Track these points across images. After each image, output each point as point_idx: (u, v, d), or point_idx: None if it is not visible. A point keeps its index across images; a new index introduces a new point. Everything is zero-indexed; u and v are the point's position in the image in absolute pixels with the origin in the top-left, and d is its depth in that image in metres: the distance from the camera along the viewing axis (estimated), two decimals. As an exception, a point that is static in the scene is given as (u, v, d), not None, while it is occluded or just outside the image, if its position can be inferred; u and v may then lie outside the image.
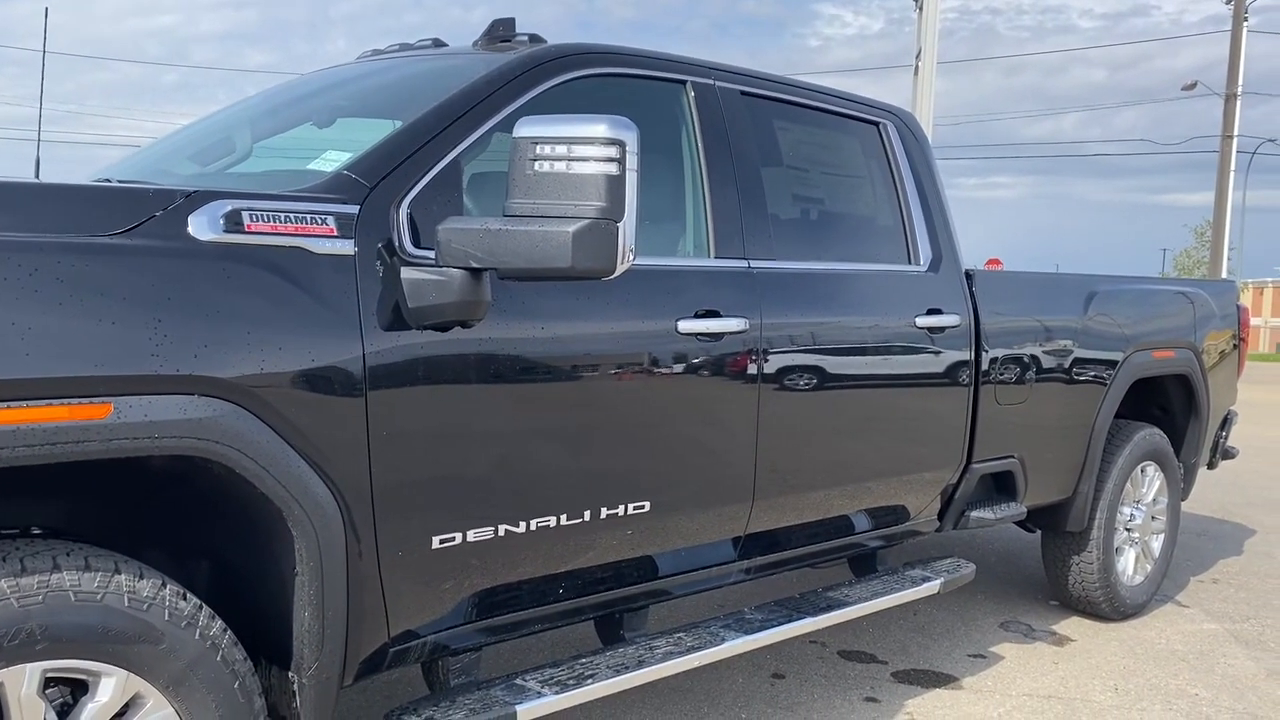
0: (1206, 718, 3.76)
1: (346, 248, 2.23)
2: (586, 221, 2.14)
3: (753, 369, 3.00)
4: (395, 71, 3.16)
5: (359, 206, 2.28)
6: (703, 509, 2.97)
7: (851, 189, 3.84)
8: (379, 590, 2.31)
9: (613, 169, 2.15)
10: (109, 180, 2.81)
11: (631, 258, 2.21)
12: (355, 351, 2.19)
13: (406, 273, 2.27)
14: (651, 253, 2.91)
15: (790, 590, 3.71)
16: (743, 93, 3.24)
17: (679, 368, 2.82)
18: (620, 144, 2.16)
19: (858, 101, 3.71)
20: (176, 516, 2.35)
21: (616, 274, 2.20)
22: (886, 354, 3.43)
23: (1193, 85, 28.82)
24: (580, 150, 2.15)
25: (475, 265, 2.22)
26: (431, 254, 2.27)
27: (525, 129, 2.20)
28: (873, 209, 3.78)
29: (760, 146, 3.25)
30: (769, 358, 3.03)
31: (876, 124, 3.77)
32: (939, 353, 3.63)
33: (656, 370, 2.77)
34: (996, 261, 6.13)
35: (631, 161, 2.18)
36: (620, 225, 2.17)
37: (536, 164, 2.18)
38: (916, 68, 19.40)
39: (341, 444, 2.18)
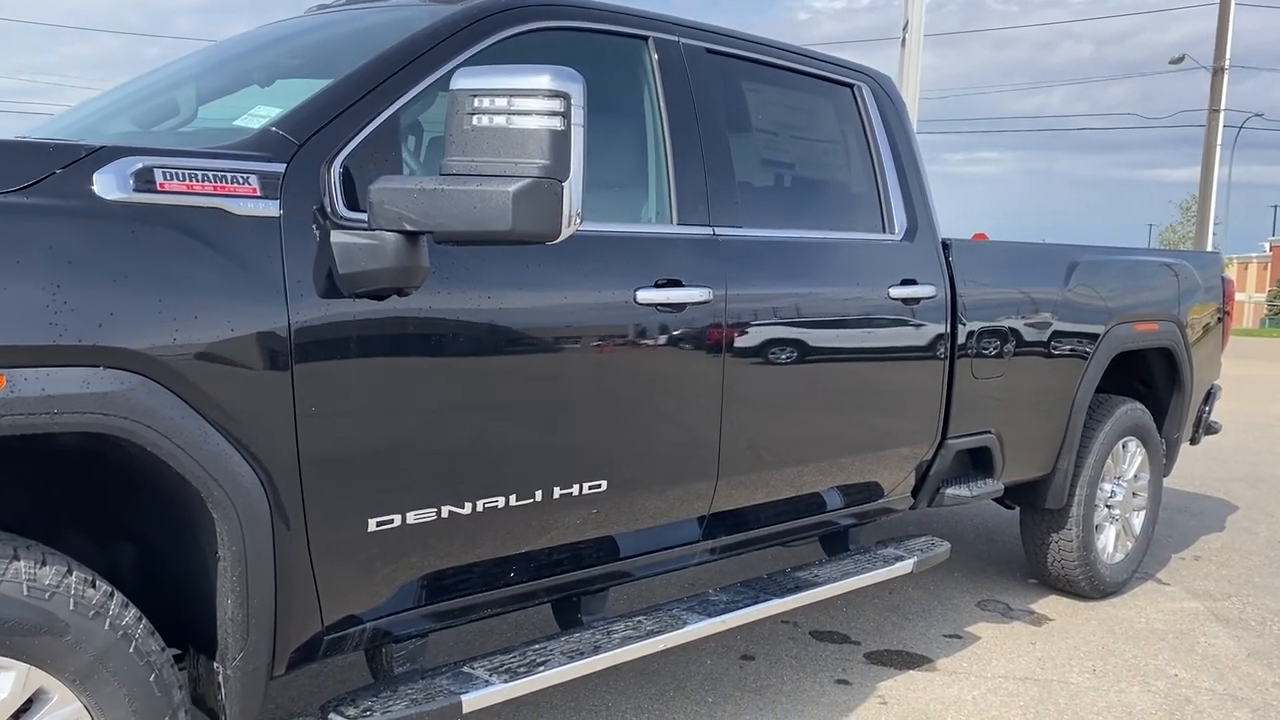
0: (1185, 699, 3.67)
1: (270, 209, 2.07)
2: (528, 181, 2.00)
3: (717, 341, 2.85)
4: (340, 26, 2.98)
5: (285, 165, 2.12)
6: (664, 488, 2.84)
7: (824, 154, 3.69)
8: (310, 576, 2.16)
9: (557, 124, 2.00)
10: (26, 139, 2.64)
11: (578, 221, 2.06)
12: (279, 321, 2.04)
13: (337, 236, 2.12)
14: (610, 219, 2.76)
15: (762, 570, 3.59)
16: (709, 50, 3.08)
17: (637, 340, 2.68)
18: (565, 96, 2.01)
19: (831, 62, 3.55)
20: (96, 498, 2.20)
21: (561, 238, 2.05)
22: (858, 326, 3.29)
23: (1180, 59, 28.70)
24: (521, 103, 2.00)
25: (409, 228, 2.07)
26: (366, 217, 2.12)
27: (463, 80, 2.05)
28: (846, 175, 3.63)
29: (727, 108, 3.10)
30: (734, 329, 2.89)
31: (851, 86, 3.61)
32: (913, 325, 3.50)
33: (613, 342, 2.63)
34: (982, 236, 6.00)
35: (577, 116, 2.03)
36: (565, 185, 2.02)
37: (474, 118, 2.02)
38: (904, 40, 19.24)
39: (265, 420, 2.03)
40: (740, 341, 2.91)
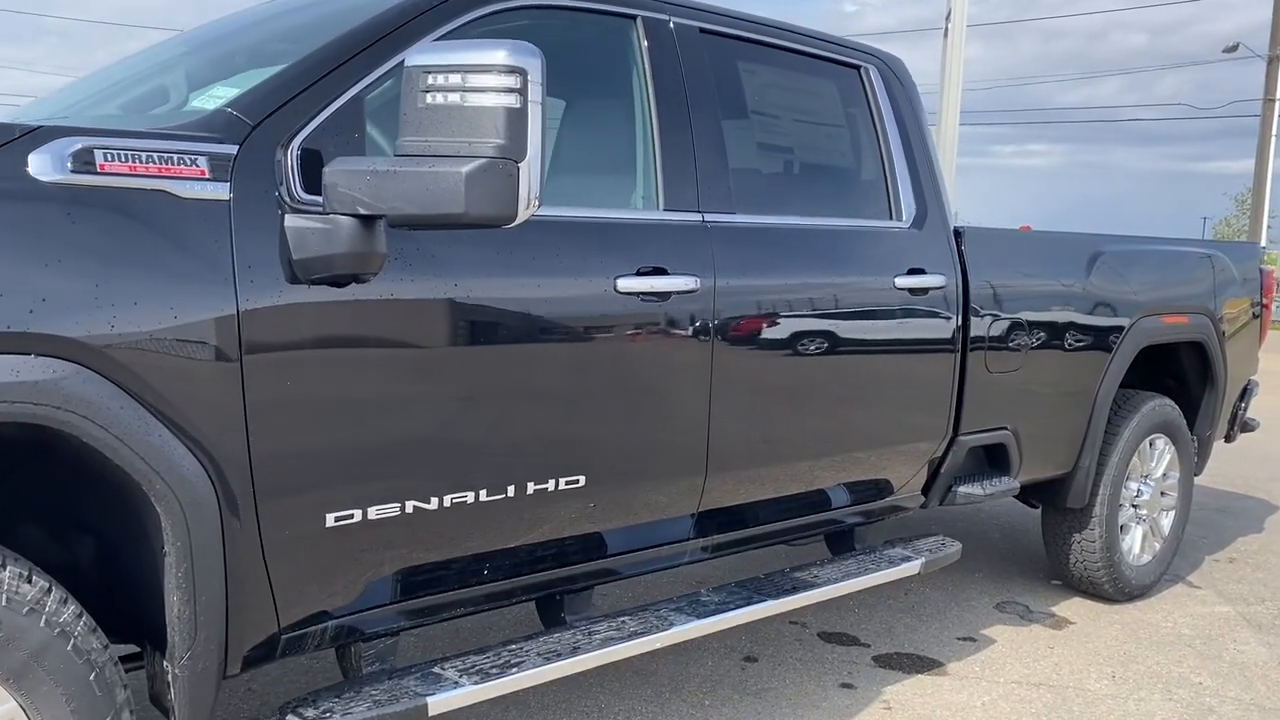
0: (1209, 709, 3.50)
1: (220, 192, 1.99)
2: (482, 161, 1.90)
3: (705, 332, 2.74)
4: (318, 8, 2.90)
5: (238, 147, 2.04)
6: (647, 484, 2.74)
7: (826, 139, 3.56)
8: (264, 573, 2.09)
9: (513, 101, 1.90)
10: None
11: (536, 204, 1.96)
12: (228, 308, 1.96)
13: (290, 220, 2.04)
14: (591, 204, 2.66)
15: (771, 568, 3.46)
16: (702, 30, 2.97)
17: (617, 330, 2.57)
18: (521, 73, 1.91)
19: (835, 43, 3.42)
20: (46, 490, 2.14)
21: (518, 222, 1.96)
22: (859, 317, 3.16)
23: (1234, 47, 27.97)
24: (476, 80, 1.91)
25: (362, 211, 1.98)
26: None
27: (417, 57, 1.96)
28: (851, 160, 3.50)
29: (721, 90, 2.98)
30: (723, 320, 2.78)
31: (857, 68, 3.47)
32: (921, 316, 3.36)
33: (590, 333, 2.52)
34: (1028, 229, 5.83)
35: (535, 93, 1.93)
36: (522, 166, 1.92)
37: (428, 96, 1.93)
38: (946, 30, 18.95)
39: (213, 412, 1.96)
40: (730, 332, 2.80)
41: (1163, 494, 4.67)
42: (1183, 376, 4.83)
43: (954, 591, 4.59)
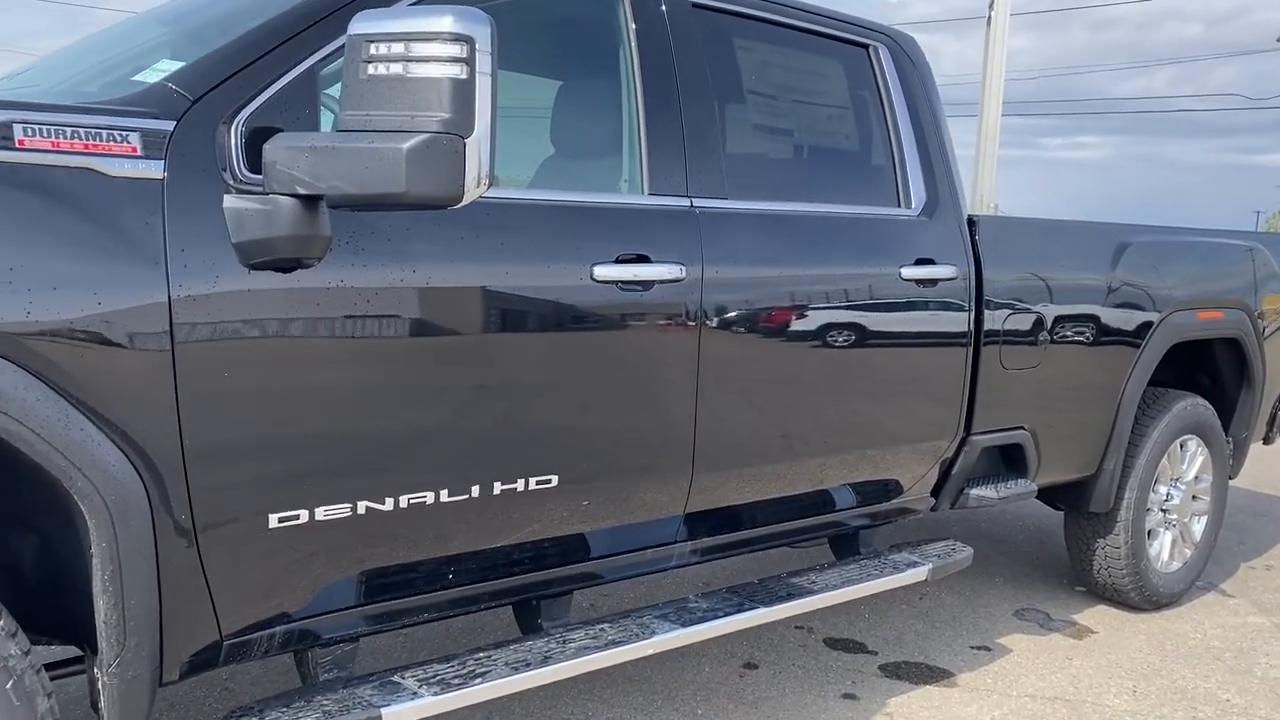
0: (1236, 729, 3.30)
1: (153, 170, 1.87)
2: (425, 137, 1.76)
3: (691, 324, 2.59)
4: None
5: (175, 122, 1.92)
6: (628, 485, 2.59)
7: (830, 121, 3.38)
8: (201, 577, 1.97)
9: (458, 71, 1.76)
10: None
11: (486, 183, 1.82)
12: (157, 295, 1.84)
13: (229, 201, 1.91)
14: (567, 186, 2.51)
15: (776, 570, 3.29)
16: (695, 4, 2.80)
17: (593, 321, 2.42)
18: (468, 41, 1.76)
19: (841, 20, 3.23)
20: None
21: (465, 202, 1.82)
22: (860, 309, 2.98)
23: (1287, 36, 27.21)
24: (420, 49, 1.77)
25: (301, 191, 1.85)
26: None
27: (360, 24, 1.82)
28: (855, 145, 3.32)
29: (714, 67, 2.81)
30: (712, 310, 2.62)
31: (865, 46, 3.29)
32: (928, 309, 3.17)
33: (563, 323, 2.38)
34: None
35: (484, 63, 1.78)
36: (469, 142, 1.78)
37: (370, 67, 1.80)
38: (989, 19, 18.59)
39: (142, 405, 1.83)
40: (718, 324, 2.64)
41: (1194, 498, 4.44)
42: (1217, 375, 4.59)
43: (971, 596, 4.40)
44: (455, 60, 1.76)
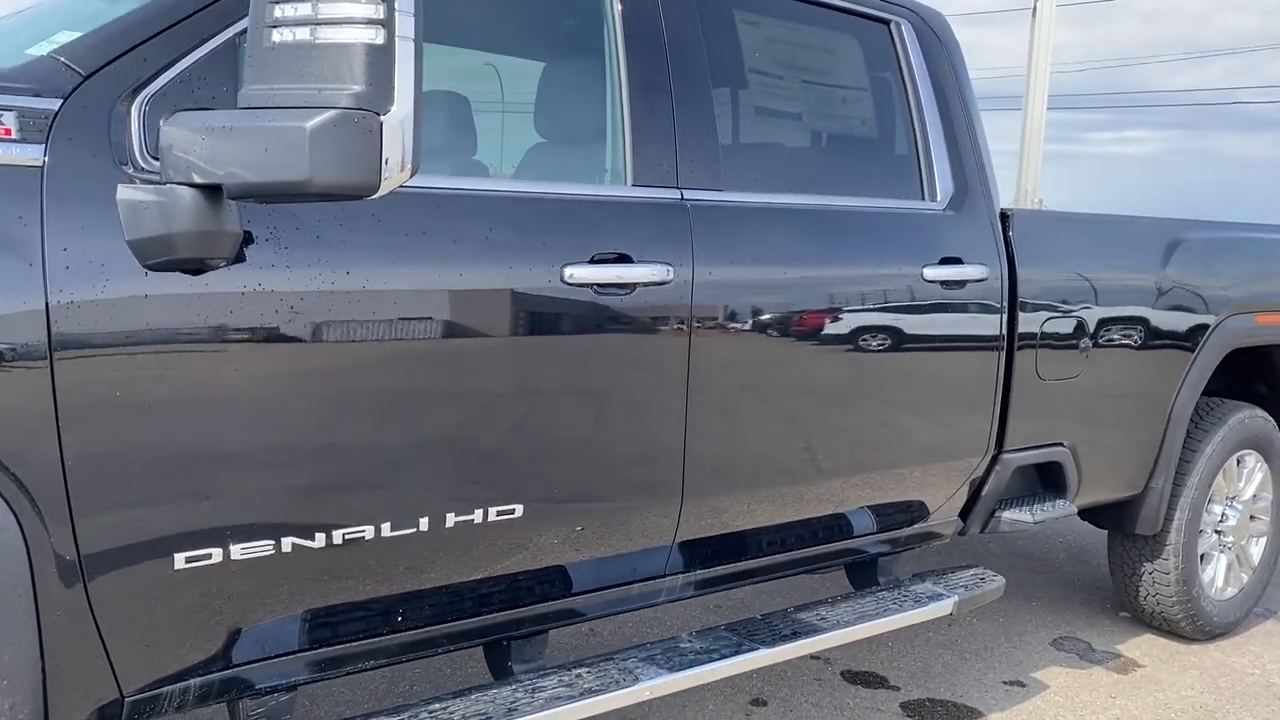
0: (1301, 784, 2.94)
1: (30, 156, 1.61)
2: (332, 113, 1.48)
3: (680, 332, 2.29)
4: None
5: (61, 101, 1.66)
6: (607, 514, 2.30)
7: (844, 105, 3.06)
8: (92, 626, 1.71)
9: (373, 35, 1.48)
10: None
11: (409, 170, 1.54)
12: (33, 301, 1.58)
13: (123, 193, 1.64)
14: (535, 176, 2.23)
15: (793, 601, 2.98)
16: (689, -28, 2.50)
17: (563, 329, 2.14)
18: (386, 0, 1.48)
19: (858, -7, 2.92)
20: None
21: (383, 192, 1.53)
22: (876, 315, 2.66)
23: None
24: (329, 9, 1.49)
25: (197, 179, 1.58)
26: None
27: None
28: (873, 131, 3.00)
29: (710, 47, 2.51)
30: (704, 316, 2.32)
31: (886, 22, 2.97)
32: (955, 314, 2.85)
33: (529, 332, 2.09)
34: None
35: (405, 26, 1.50)
36: (386, 120, 1.50)
37: (275, 32, 1.52)
38: (1034, 9, 18.10)
39: (13, 428, 1.58)
40: (712, 331, 2.34)
41: (1252, 518, 4.07)
42: (1277, 384, 4.21)
43: (1005, 623, 4.06)
44: (370, 22, 1.48)
